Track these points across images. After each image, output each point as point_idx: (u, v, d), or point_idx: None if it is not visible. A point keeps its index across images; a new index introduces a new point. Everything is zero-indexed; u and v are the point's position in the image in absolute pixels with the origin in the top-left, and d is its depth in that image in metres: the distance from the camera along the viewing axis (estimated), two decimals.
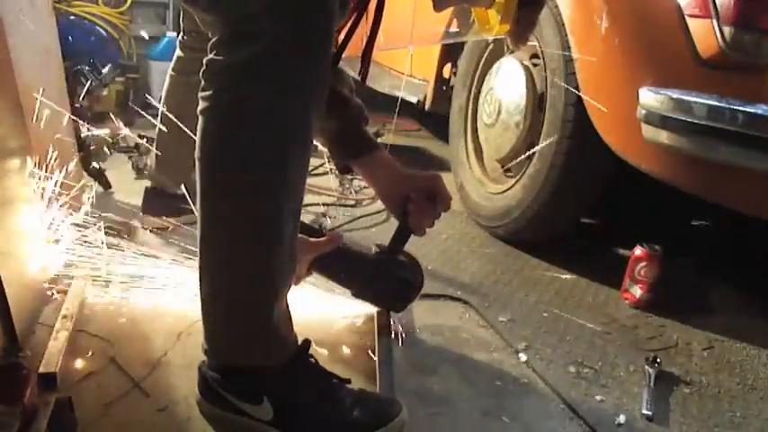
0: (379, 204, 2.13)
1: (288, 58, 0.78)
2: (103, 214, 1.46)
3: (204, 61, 0.82)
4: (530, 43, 1.68)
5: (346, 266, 1.19)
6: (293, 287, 1.24)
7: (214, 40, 0.81)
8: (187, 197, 1.76)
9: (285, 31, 0.77)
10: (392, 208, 1.17)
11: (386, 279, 1.18)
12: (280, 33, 0.77)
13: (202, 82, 0.83)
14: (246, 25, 0.77)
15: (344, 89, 1.16)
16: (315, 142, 1.19)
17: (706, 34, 1.34)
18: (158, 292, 1.38)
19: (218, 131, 0.83)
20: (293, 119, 0.82)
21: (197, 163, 0.85)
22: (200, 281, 0.90)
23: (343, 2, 0.85)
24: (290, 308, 0.97)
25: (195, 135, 0.85)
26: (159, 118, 1.63)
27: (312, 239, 1.15)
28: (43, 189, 1.33)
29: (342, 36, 1.03)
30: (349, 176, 2.22)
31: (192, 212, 1.79)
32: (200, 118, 0.84)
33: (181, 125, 1.42)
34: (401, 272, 1.20)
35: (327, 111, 1.10)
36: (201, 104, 0.83)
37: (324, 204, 2.07)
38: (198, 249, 0.88)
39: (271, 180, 0.83)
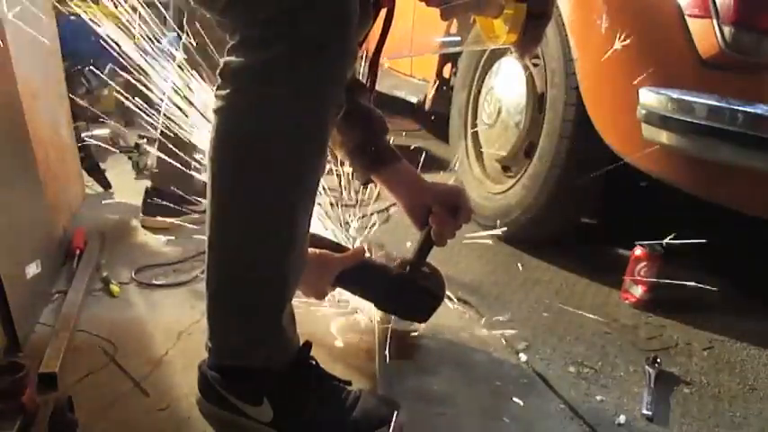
0: (379, 204, 2.13)
1: (305, 62, 0.78)
2: None
3: (222, 61, 0.82)
4: None
5: (371, 280, 1.19)
6: (318, 302, 1.25)
7: (232, 42, 0.81)
8: (186, 198, 1.77)
9: (303, 34, 0.77)
10: (414, 219, 1.17)
11: (411, 292, 1.18)
12: (298, 37, 0.77)
13: (219, 81, 0.83)
14: (265, 28, 0.77)
15: (364, 100, 1.16)
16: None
17: (706, 34, 1.34)
18: (158, 291, 1.38)
19: (232, 131, 0.83)
20: (309, 122, 0.82)
21: (208, 162, 0.85)
22: (207, 279, 0.90)
23: (364, 10, 0.84)
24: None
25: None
26: (161, 119, 1.63)
27: (336, 255, 1.16)
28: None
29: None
30: (349, 177, 2.22)
31: (192, 213, 1.80)
32: (215, 117, 0.84)
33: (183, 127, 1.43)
34: (425, 283, 1.20)
35: (349, 122, 1.11)
36: (217, 103, 0.83)
37: (324, 204, 2.07)
38: (206, 248, 0.88)
39: (285, 181, 0.83)
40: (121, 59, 1.40)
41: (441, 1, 0.88)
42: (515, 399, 1.13)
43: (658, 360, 1.27)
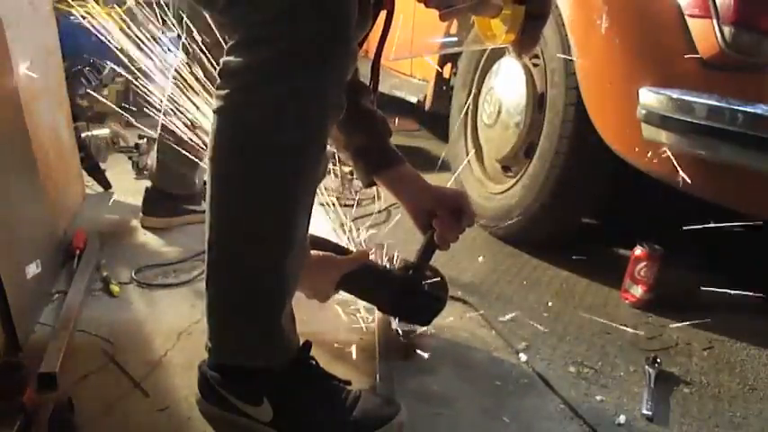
0: (379, 204, 2.13)
1: (305, 62, 0.78)
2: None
3: (221, 61, 0.82)
4: None
5: (374, 284, 1.19)
6: (321, 305, 1.25)
7: (232, 42, 0.81)
8: (186, 198, 1.77)
9: (303, 34, 0.77)
10: (417, 222, 1.18)
11: (414, 295, 1.18)
12: (298, 36, 0.76)
13: (219, 81, 0.83)
14: (265, 28, 0.77)
15: (367, 101, 1.16)
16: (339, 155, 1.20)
17: (706, 34, 1.34)
18: (158, 291, 1.38)
19: (232, 131, 0.83)
20: (309, 121, 0.82)
21: (208, 162, 0.85)
22: (206, 279, 0.90)
23: (364, 12, 0.84)
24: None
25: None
26: (160, 120, 1.63)
27: (339, 258, 1.16)
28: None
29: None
30: (349, 177, 2.22)
31: (192, 213, 1.81)
32: (215, 117, 0.83)
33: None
34: (428, 287, 1.20)
35: (352, 124, 1.11)
36: (217, 103, 0.83)
37: (324, 204, 2.07)
38: (206, 248, 0.88)
39: (285, 181, 0.83)
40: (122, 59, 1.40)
41: (439, 2, 0.88)
42: (515, 399, 1.13)
43: (658, 360, 1.27)
